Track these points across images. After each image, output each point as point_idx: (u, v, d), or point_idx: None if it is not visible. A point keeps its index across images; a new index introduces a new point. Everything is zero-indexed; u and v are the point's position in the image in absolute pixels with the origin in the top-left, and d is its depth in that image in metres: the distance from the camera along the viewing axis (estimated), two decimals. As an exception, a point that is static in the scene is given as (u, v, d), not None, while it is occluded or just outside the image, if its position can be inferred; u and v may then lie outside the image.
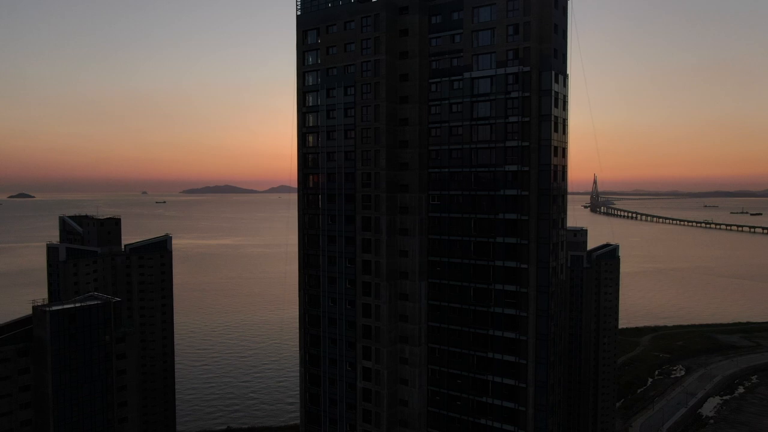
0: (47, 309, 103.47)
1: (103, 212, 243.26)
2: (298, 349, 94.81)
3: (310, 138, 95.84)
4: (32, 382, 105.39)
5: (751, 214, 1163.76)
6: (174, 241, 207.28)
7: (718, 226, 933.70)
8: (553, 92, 78.22)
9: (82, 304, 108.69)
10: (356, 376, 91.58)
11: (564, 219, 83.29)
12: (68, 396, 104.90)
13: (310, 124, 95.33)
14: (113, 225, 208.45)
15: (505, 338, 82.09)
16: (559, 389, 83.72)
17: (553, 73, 78.28)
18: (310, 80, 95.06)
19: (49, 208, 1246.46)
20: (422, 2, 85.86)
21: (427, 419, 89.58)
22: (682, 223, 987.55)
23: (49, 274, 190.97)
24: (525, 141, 79.09)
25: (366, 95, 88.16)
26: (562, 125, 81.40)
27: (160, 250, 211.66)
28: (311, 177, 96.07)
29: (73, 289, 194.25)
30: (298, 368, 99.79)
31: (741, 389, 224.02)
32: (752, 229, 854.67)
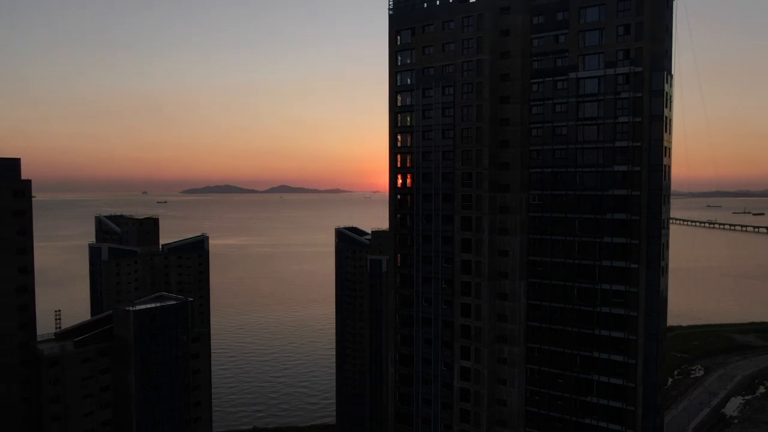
0: (131, 309, 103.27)
1: (105, 212, 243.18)
2: (318, 348, 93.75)
3: (402, 137, 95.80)
4: (112, 381, 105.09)
5: (754, 214, 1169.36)
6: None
7: (721, 226, 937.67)
8: (665, 92, 78.50)
9: (162, 304, 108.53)
10: (453, 376, 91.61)
11: (668, 219, 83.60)
12: (149, 396, 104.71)
13: (403, 124, 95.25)
14: (152, 225, 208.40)
15: (613, 338, 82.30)
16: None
17: (665, 73, 78.55)
18: (403, 80, 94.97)
19: (51, 208, 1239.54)
20: (525, 2, 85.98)
21: (525, 419, 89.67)
22: (685, 223, 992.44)
23: (92, 273, 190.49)
24: (636, 141, 79.33)
25: (467, 95, 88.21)
26: (668, 125, 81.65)
27: (197, 249, 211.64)
28: (404, 176, 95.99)
29: (115, 289, 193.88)
30: (389, 368, 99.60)
31: (762, 389, 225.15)
32: (756, 229, 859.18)
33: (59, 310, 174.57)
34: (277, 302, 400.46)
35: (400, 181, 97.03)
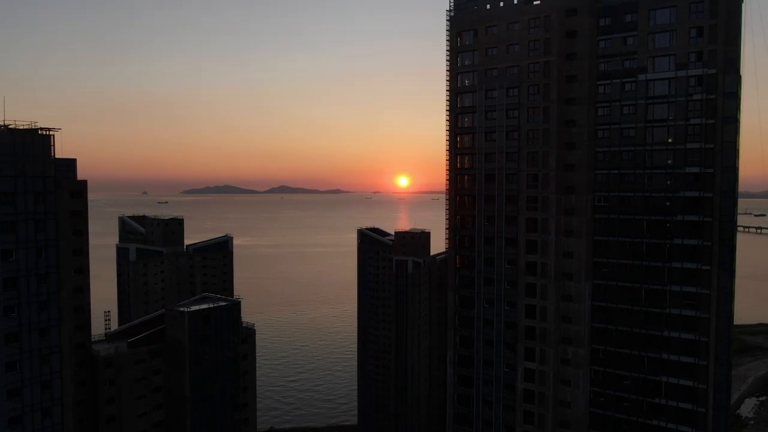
0: (185, 310, 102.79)
1: (108, 212, 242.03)
2: (333, 349, 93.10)
3: (461, 139, 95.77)
4: (164, 383, 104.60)
5: (755, 215, 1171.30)
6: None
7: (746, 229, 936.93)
8: (738, 95, 78.70)
9: (214, 305, 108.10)
10: (516, 377, 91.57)
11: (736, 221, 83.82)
12: (202, 397, 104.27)
13: (465, 125, 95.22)
14: (177, 225, 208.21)
15: (683, 339, 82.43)
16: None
17: (738, 75, 78.73)
18: (464, 81, 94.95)
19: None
20: (591, 4, 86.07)
21: (589, 420, 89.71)
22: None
23: (119, 274, 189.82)
24: (708, 143, 79.50)
25: (533, 96, 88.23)
26: (738, 126, 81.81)
27: (222, 250, 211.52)
28: (464, 178, 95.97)
29: (142, 290, 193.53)
30: (448, 369, 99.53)
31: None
32: (759, 230, 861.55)
33: (109, 311, 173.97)
34: (286, 303, 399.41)
35: (465, 182, 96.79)
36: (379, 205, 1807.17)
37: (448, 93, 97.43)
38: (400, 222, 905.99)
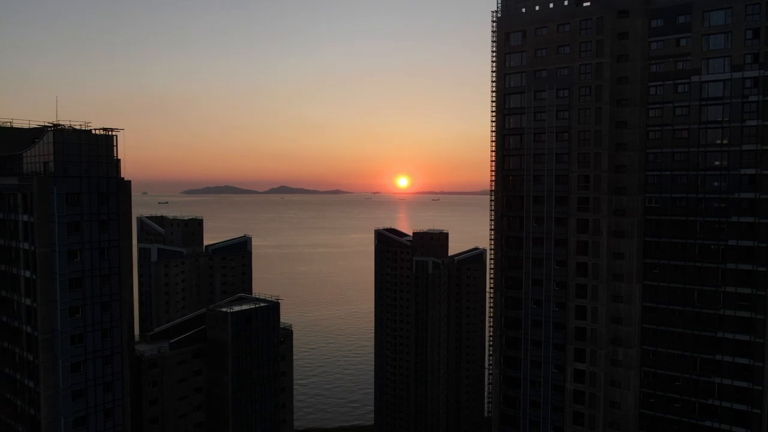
0: (228, 311, 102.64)
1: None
2: (344, 350, 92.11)
3: (508, 139, 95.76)
4: (205, 383, 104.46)
5: None
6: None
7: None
8: (795, 96, 78.88)
9: (256, 305, 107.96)
10: (565, 378, 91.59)
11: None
12: (244, 398, 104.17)
13: (511, 126, 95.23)
14: (196, 226, 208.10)
15: (737, 341, 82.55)
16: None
17: (794, 77, 78.95)
18: (509, 82, 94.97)
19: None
20: (643, 5, 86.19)
21: (639, 421, 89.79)
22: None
23: (140, 275, 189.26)
24: (765, 144, 79.65)
25: (584, 98, 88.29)
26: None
27: (241, 251, 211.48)
28: (509, 178, 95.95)
29: (163, 290, 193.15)
30: (492, 370, 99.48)
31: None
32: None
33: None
34: (292, 304, 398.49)
35: (512, 183, 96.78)
36: (379, 206, 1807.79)
37: (493, 94, 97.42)
38: (399, 222, 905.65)
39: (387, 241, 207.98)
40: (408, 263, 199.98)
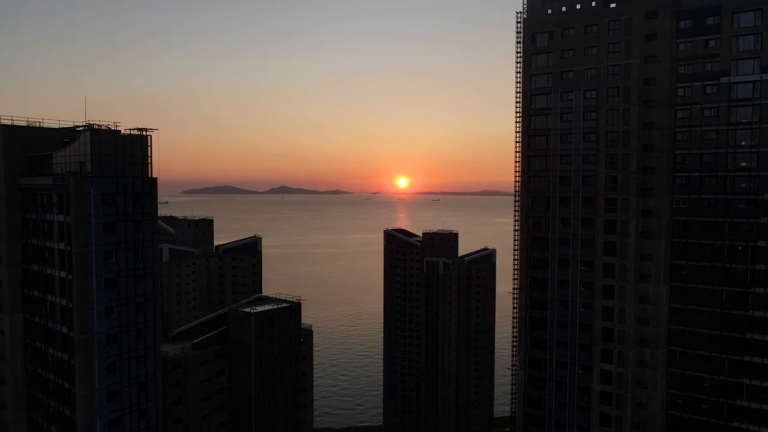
0: (251, 311, 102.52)
1: None
2: (352, 350, 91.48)
3: (534, 140, 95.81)
4: (227, 384, 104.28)
5: None
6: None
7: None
8: (825, 98, 79.07)
9: (278, 306, 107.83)
10: (591, 379, 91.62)
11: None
12: (267, 398, 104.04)
13: (536, 127, 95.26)
14: (207, 226, 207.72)
15: (767, 341, 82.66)
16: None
17: (825, 78, 79.15)
18: (535, 83, 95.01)
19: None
20: (671, 6, 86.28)
21: (665, 422, 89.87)
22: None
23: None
24: (795, 146, 79.86)
25: (612, 99, 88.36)
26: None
27: (251, 251, 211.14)
28: (534, 179, 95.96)
29: (174, 290, 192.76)
30: (516, 371, 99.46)
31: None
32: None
33: (168, 314, 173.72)
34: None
35: (537, 184, 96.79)
36: (379, 206, 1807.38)
37: (518, 95, 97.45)
38: (400, 223, 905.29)
39: (396, 242, 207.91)
40: (418, 264, 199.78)
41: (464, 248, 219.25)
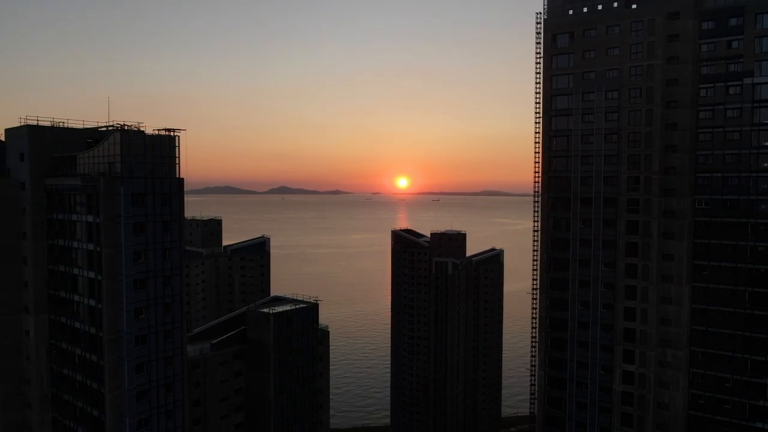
0: (270, 311, 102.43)
1: None
2: (356, 350, 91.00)
3: (554, 141, 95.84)
4: (245, 384, 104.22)
5: None
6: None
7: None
8: None
9: (296, 306, 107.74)
10: (612, 380, 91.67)
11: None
12: (285, 399, 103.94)
13: (557, 127, 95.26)
14: (215, 226, 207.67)
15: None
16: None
17: None
18: (556, 83, 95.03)
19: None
20: (694, 7, 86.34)
21: (687, 422, 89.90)
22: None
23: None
24: (819, 146, 79.97)
25: (634, 99, 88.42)
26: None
27: (259, 251, 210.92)
28: (554, 179, 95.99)
29: (184, 290, 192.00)
30: (537, 371, 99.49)
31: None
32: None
33: (187, 313, 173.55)
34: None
35: (558, 184, 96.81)
36: (380, 206, 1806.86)
37: (537, 95, 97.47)
38: (400, 223, 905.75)
39: (404, 242, 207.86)
40: (426, 264, 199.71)
41: (467, 248, 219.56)
